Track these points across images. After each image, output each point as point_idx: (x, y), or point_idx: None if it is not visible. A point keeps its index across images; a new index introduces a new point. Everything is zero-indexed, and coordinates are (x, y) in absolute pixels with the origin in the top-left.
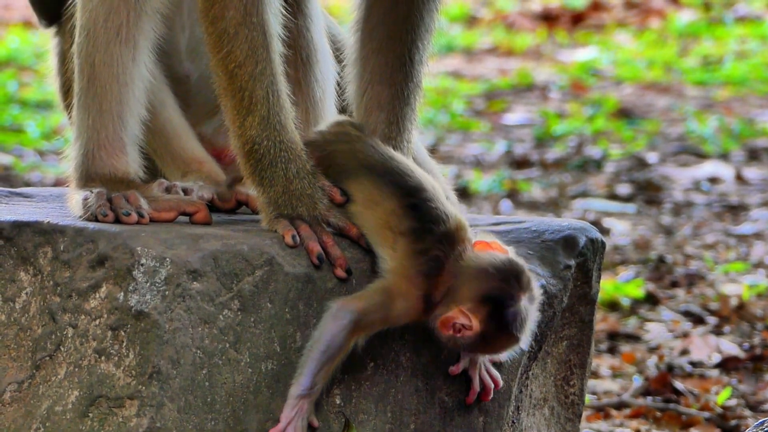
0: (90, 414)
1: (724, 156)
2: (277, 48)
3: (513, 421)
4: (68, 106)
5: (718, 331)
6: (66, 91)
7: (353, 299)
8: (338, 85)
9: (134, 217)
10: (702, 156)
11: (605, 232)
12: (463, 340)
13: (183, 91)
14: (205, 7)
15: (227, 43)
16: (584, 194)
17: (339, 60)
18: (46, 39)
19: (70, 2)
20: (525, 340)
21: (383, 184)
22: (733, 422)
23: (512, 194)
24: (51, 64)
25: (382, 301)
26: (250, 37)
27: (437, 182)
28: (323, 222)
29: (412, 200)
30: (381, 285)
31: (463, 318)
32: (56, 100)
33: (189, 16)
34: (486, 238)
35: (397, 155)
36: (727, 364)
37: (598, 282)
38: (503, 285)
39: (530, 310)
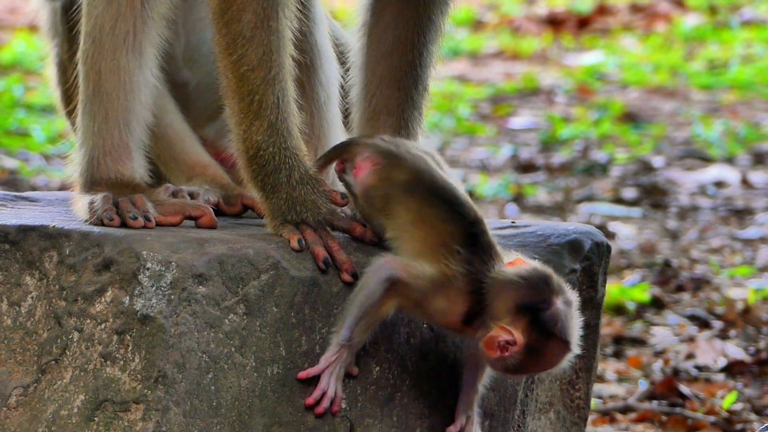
0: (95, 418)
1: (729, 160)
2: (290, 53)
3: (519, 425)
4: (70, 114)
5: (723, 335)
6: (67, 100)
7: (400, 261)
8: (342, 88)
9: (141, 221)
10: (708, 160)
11: (611, 236)
12: (512, 359)
13: (183, 96)
14: (220, 9)
15: (241, 46)
16: (590, 198)
17: (342, 63)
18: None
19: (72, 10)
20: (574, 344)
21: (447, 209)
22: (738, 426)
23: (518, 198)
24: (50, 73)
25: (426, 286)
26: (266, 41)
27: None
28: (328, 226)
29: (473, 230)
30: (433, 274)
31: (504, 334)
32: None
33: (184, 24)
34: (511, 258)
35: (453, 179)
36: (733, 368)
37: (604, 286)
38: (533, 291)
39: (569, 312)
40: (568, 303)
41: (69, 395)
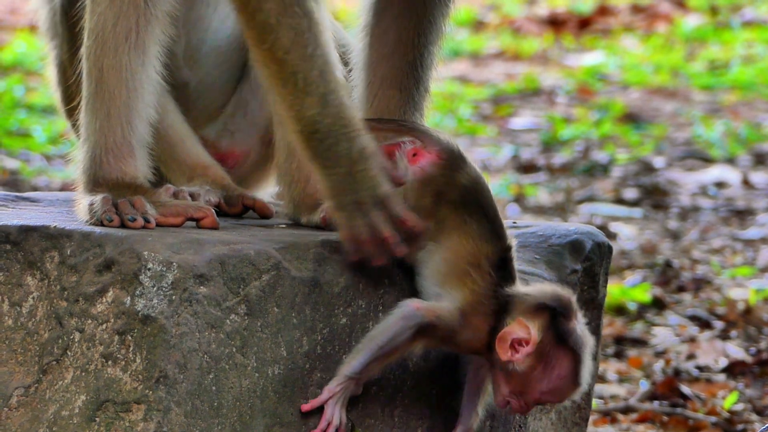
0: (97, 418)
1: (730, 160)
2: (325, 32)
3: (520, 426)
4: (71, 114)
5: (724, 336)
6: (68, 100)
7: (428, 306)
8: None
9: (140, 222)
10: (709, 160)
11: (612, 236)
12: (521, 366)
13: (183, 97)
14: (241, 3)
15: (271, 33)
16: (591, 199)
17: (345, 63)
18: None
19: (73, 9)
20: (585, 371)
21: (490, 229)
22: (739, 427)
23: (519, 199)
24: (50, 75)
25: (454, 323)
26: (294, 24)
27: None
28: (384, 208)
29: (506, 255)
30: (458, 308)
31: (520, 329)
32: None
33: (184, 24)
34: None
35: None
36: (734, 369)
37: (605, 286)
38: (557, 298)
39: (585, 340)
40: (585, 333)
41: (70, 395)
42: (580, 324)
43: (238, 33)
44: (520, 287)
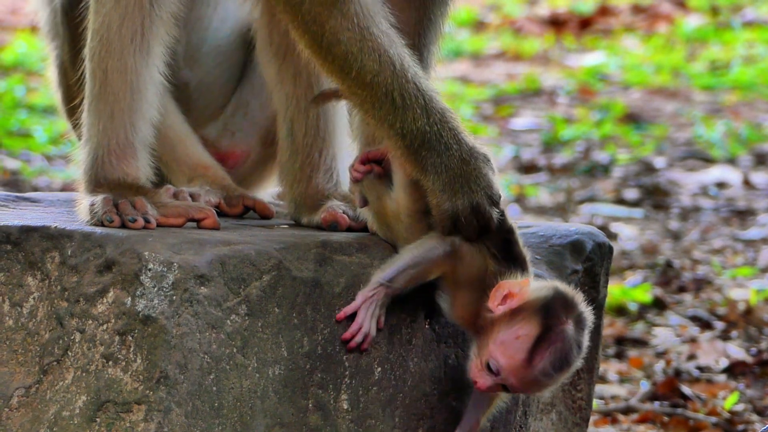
0: (97, 419)
1: (731, 161)
2: (402, 45)
3: (520, 426)
4: (71, 115)
5: (725, 336)
6: (69, 101)
7: (467, 243)
8: None
9: (140, 222)
10: (709, 161)
11: (612, 236)
12: (502, 326)
13: (183, 96)
14: (314, 41)
15: (355, 61)
16: (592, 199)
17: None
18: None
19: (75, 10)
20: (540, 367)
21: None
22: (740, 427)
23: (520, 199)
24: (51, 76)
25: (473, 272)
26: (376, 46)
27: None
28: (495, 205)
29: (507, 237)
30: (483, 266)
31: (518, 285)
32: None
33: (185, 24)
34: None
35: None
36: (735, 369)
37: (606, 287)
38: (570, 297)
39: (567, 348)
40: (571, 346)
41: (71, 396)
42: (573, 333)
43: (238, 32)
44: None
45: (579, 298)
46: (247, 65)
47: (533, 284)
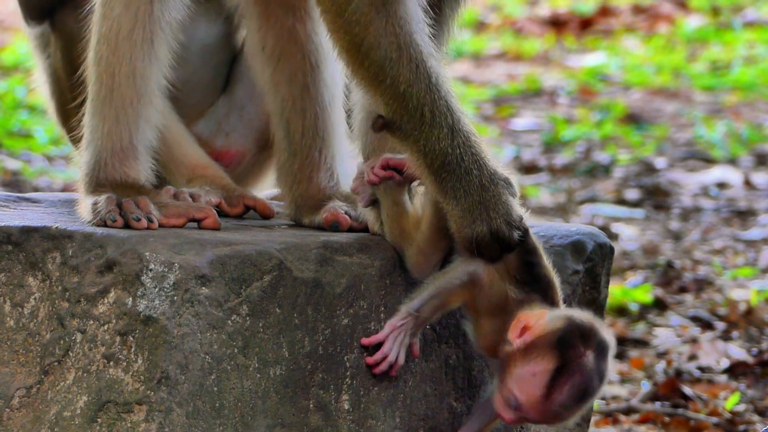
0: (98, 419)
1: (732, 161)
2: (438, 58)
3: (521, 426)
4: (66, 122)
5: (726, 337)
6: (63, 111)
7: (490, 268)
8: (346, 87)
9: (144, 222)
10: (710, 161)
11: (613, 237)
12: (515, 348)
13: (172, 95)
14: (354, 43)
15: (391, 68)
16: (593, 199)
17: None
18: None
19: (82, 12)
20: (561, 400)
21: None
22: (741, 427)
23: (520, 199)
24: (41, 84)
25: (495, 299)
26: (415, 55)
27: None
28: (520, 230)
29: (529, 258)
30: (505, 294)
31: (535, 317)
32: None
33: None
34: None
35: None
36: (736, 370)
37: (607, 287)
38: (589, 326)
39: (588, 379)
40: (592, 378)
41: (72, 396)
42: (593, 364)
43: (227, 32)
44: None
45: (597, 324)
46: (236, 64)
47: (549, 315)
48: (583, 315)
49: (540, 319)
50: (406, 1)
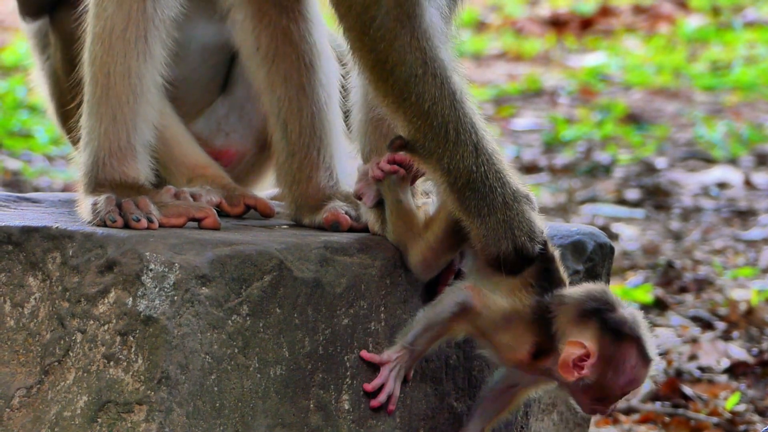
0: (99, 419)
1: (732, 161)
2: (461, 72)
3: (522, 427)
4: (65, 122)
5: (726, 337)
6: (63, 111)
7: (479, 291)
8: (342, 87)
9: (144, 222)
10: (711, 161)
11: (614, 237)
12: (592, 376)
13: (170, 94)
14: (378, 61)
15: (416, 85)
16: (593, 199)
17: (343, 63)
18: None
19: (62, 14)
20: (651, 348)
21: None
22: (741, 427)
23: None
24: (39, 84)
25: (495, 319)
26: (440, 70)
27: None
28: (539, 244)
29: (547, 266)
30: (505, 308)
31: (575, 349)
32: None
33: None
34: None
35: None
36: (736, 370)
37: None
38: (595, 297)
39: (636, 318)
40: (634, 313)
41: (72, 396)
42: (623, 308)
43: (225, 30)
44: (557, 297)
45: (598, 287)
46: (235, 64)
47: (587, 333)
48: (589, 293)
49: (577, 347)
50: (429, 13)
